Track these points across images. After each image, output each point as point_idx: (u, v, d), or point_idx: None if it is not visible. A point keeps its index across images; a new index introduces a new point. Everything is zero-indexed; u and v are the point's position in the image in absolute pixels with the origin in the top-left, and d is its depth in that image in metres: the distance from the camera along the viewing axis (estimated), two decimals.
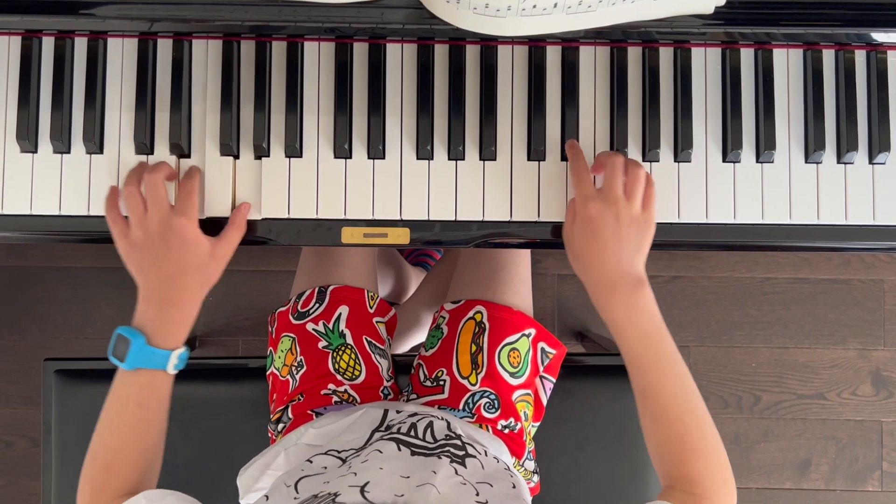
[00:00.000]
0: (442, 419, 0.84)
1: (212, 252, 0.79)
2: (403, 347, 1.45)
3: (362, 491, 0.65)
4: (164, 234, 0.77)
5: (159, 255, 0.77)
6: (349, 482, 0.67)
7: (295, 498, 0.69)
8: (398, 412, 0.86)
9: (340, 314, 0.98)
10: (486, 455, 0.80)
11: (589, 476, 1.06)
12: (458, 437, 0.81)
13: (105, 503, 0.75)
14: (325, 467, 0.75)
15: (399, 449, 0.76)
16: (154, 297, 0.78)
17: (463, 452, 0.78)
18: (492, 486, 0.72)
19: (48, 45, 0.82)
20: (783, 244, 0.84)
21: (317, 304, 0.99)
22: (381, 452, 0.74)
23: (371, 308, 1.01)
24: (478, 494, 0.69)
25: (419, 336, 1.43)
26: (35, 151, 0.82)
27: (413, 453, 0.76)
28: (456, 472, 0.72)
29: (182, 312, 0.79)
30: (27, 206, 0.81)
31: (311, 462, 0.77)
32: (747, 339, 1.71)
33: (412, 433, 0.80)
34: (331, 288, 1.00)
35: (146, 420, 0.78)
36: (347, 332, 0.98)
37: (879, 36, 0.81)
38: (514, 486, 0.75)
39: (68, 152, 0.82)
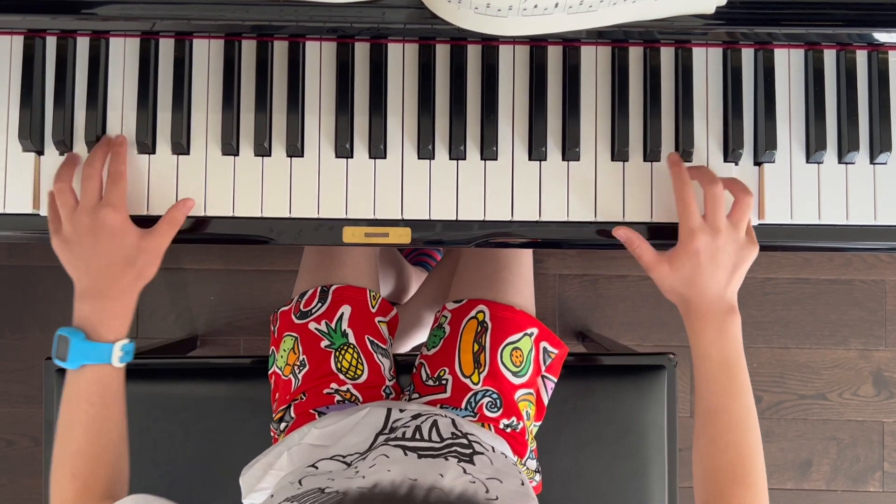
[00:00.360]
0: (446, 417, 0.84)
1: (139, 244, 0.78)
2: (405, 347, 1.45)
3: (371, 491, 0.65)
4: (92, 226, 0.76)
5: (87, 249, 0.77)
6: (357, 484, 0.67)
7: (298, 488, 0.69)
8: (401, 411, 0.86)
9: (343, 314, 0.98)
10: (493, 451, 0.80)
11: (590, 476, 1.06)
12: (465, 435, 0.81)
13: None
14: (331, 471, 0.75)
15: (406, 454, 0.75)
16: (87, 293, 0.78)
17: (470, 450, 0.78)
18: (501, 482, 0.72)
19: (51, 44, 0.82)
20: (785, 244, 0.84)
21: (319, 304, 0.99)
22: (387, 457, 0.74)
23: (373, 308, 1.01)
24: (487, 491, 0.69)
25: (421, 336, 1.44)
26: (38, 151, 0.82)
27: (420, 456, 0.75)
28: (465, 472, 0.72)
29: (117, 304, 0.78)
30: (29, 205, 0.82)
31: (316, 468, 0.77)
32: (748, 340, 1.70)
33: (417, 436, 0.80)
34: (333, 287, 1.00)
35: (100, 417, 0.77)
36: (350, 332, 0.98)
37: (881, 36, 0.81)
38: (522, 483, 0.75)
39: (70, 151, 0.82)
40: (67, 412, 0.77)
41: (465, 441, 0.79)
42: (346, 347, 0.97)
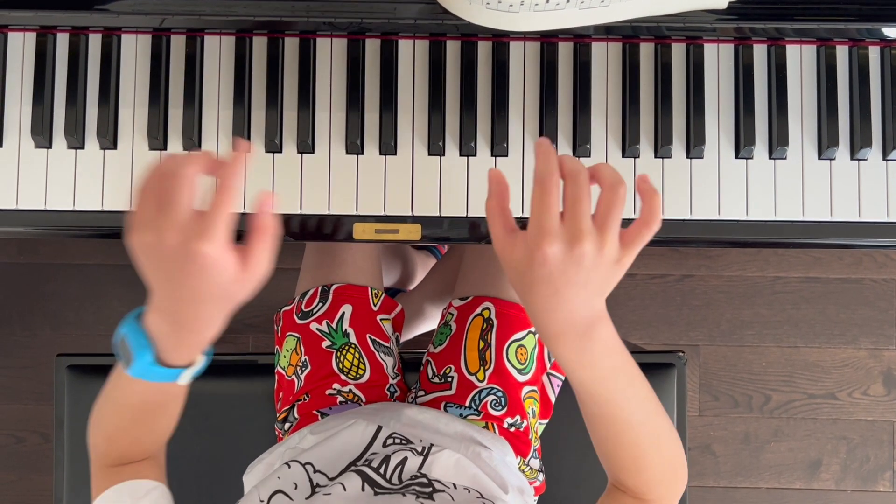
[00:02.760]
0: (421, 452, 0.80)
1: (237, 277, 0.60)
2: (406, 336, 1.45)
3: None
4: (180, 254, 0.58)
5: (173, 275, 0.59)
6: None
7: None
8: (385, 443, 0.83)
9: (343, 313, 0.98)
10: (455, 488, 0.76)
11: (595, 475, 1.05)
12: (424, 475, 0.77)
13: (110, 462, 0.74)
14: (296, 485, 0.74)
15: (363, 489, 0.73)
16: (166, 314, 0.62)
17: (430, 489, 0.74)
18: None
19: (62, 41, 0.82)
20: (795, 241, 0.83)
21: (320, 304, 0.99)
22: (344, 490, 0.72)
23: (375, 306, 1.01)
24: None
25: (423, 327, 1.44)
26: (50, 147, 0.82)
27: (376, 493, 0.73)
28: None
29: (198, 337, 0.64)
30: (41, 201, 0.82)
31: (289, 467, 0.77)
32: (757, 339, 1.70)
33: (382, 469, 0.76)
34: (334, 287, 1.00)
35: (153, 413, 0.72)
36: (351, 332, 0.98)
37: (891, 31, 0.80)
38: None
39: (82, 148, 0.82)
40: (113, 402, 0.71)
41: (424, 480, 0.76)
42: (347, 347, 0.97)
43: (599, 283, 0.60)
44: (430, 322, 1.47)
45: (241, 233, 0.61)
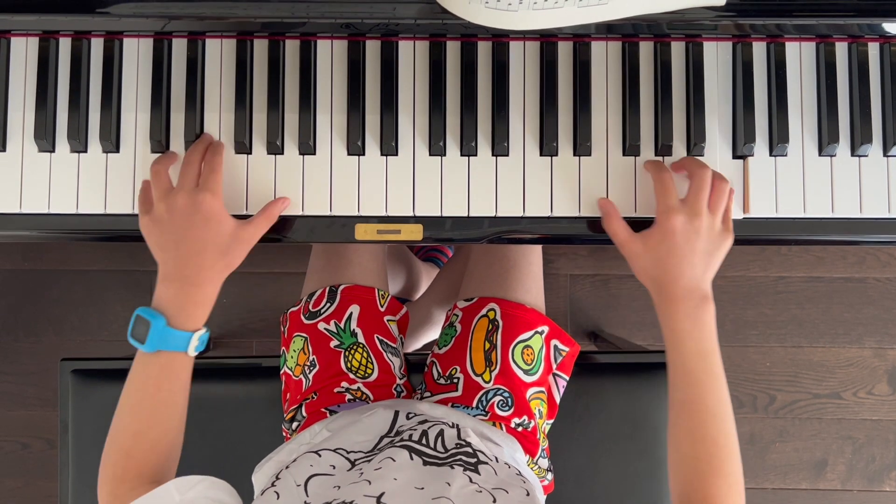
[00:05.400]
0: (453, 426, 0.84)
1: (234, 232, 0.78)
2: (416, 345, 1.45)
3: (378, 501, 0.65)
4: (188, 209, 0.76)
5: (179, 231, 0.76)
6: (364, 491, 0.67)
7: (306, 502, 0.69)
8: (409, 417, 0.86)
9: (351, 313, 0.99)
10: (497, 461, 0.80)
11: (603, 474, 1.06)
12: (469, 444, 0.81)
13: (126, 491, 0.74)
14: (334, 466, 0.75)
15: (411, 458, 0.75)
16: (173, 276, 0.77)
17: (475, 460, 0.77)
18: (507, 492, 0.72)
19: (65, 45, 0.83)
20: (798, 238, 0.83)
21: (328, 304, 0.99)
22: (393, 461, 0.74)
23: (382, 307, 1.01)
24: (494, 501, 0.69)
25: (431, 333, 1.44)
26: (53, 151, 0.83)
27: (425, 462, 0.75)
28: (471, 481, 0.72)
29: (201, 292, 0.77)
30: (45, 204, 0.82)
31: (319, 455, 0.77)
32: (761, 339, 1.70)
33: (424, 441, 0.80)
34: (341, 287, 1.00)
35: (166, 403, 0.78)
36: (359, 331, 0.98)
37: (891, 27, 0.80)
38: (527, 494, 0.74)
39: (85, 151, 0.83)
40: (134, 394, 0.77)
41: (469, 450, 0.79)
42: (355, 347, 0.97)
43: (713, 253, 0.77)
44: (438, 328, 1.47)
45: None
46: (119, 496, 0.74)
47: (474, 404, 0.94)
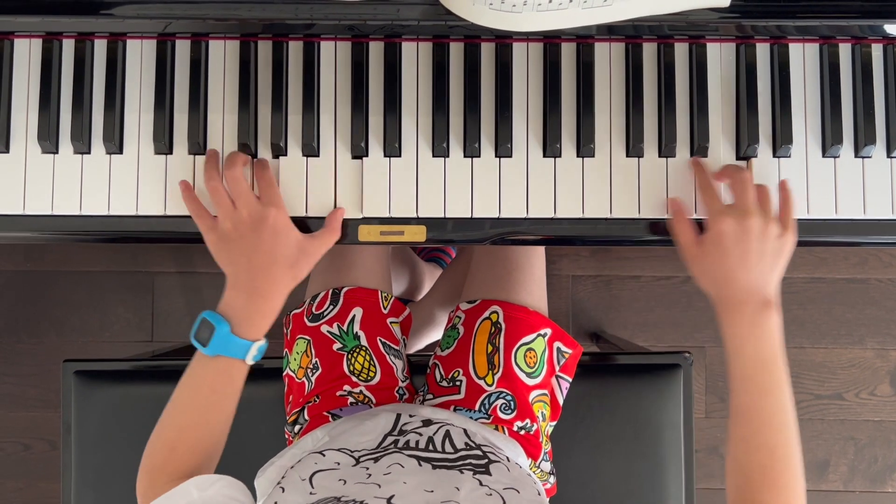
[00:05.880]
0: (457, 426, 0.84)
1: (302, 246, 0.80)
2: (418, 345, 1.45)
3: (389, 503, 0.65)
4: (256, 225, 0.78)
5: (250, 246, 0.78)
6: (374, 493, 0.67)
7: (312, 493, 0.69)
8: (411, 416, 0.86)
9: (354, 316, 0.99)
10: (508, 460, 0.80)
11: (606, 476, 1.06)
12: (479, 446, 0.81)
13: (162, 483, 0.75)
14: (338, 463, 0.76)
15: (420, 465, 0.75)
16: (242, 287, 0.79)
17: (485, 461, 0.77)
18: (519, 492, 0.72)
19: (68, 47, 0.83)
20: (801, 239, 0.83)
21: (331, 306, 0.99)
22: (402, 467, 0.74)
23: (385, 309, 1.01)
24: (504, 502, 0.69)
25: (434, 335, 1.44)
26: (56, 152, 0.83)
27: (434, 467, 0.75)
28: (480, 484, 0.71)
29: (269, 304, 0.79)
30: (48, 206, 0.82)
31: (323, 455, 0.77)
32: None
33: (430, 447, 0.79)
34: (344, 290, 1.00)
35: (216, 405, 0.79)
36: (362, 334, 0.98)
37: (894, 29, 0.80)
38: (539, 493, 0.74)
39: (88, 153, 0.83)
40: (189, 392, 0.79)
41: (478, 452, 0.79)
42: (358, 350, 0.97)
43: (772, 255, 0.76)
44: (441, 329, 1.47)
45: None
46: (156, 487, 0.75)
47: (477, 407, 0.94)
